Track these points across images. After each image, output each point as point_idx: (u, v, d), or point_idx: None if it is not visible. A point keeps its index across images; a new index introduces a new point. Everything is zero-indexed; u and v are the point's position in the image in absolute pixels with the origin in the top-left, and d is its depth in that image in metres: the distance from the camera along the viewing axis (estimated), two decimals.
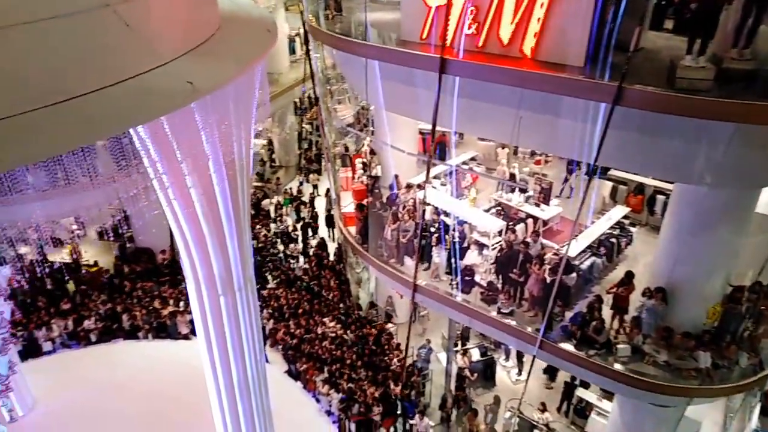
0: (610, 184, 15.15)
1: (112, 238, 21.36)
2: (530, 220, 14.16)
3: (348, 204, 15.77)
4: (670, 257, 10.57)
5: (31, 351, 17.68)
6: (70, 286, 19.73)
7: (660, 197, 13.92)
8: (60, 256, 21.19)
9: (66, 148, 5.66)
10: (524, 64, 9.50)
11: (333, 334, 17.13)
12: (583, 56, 9.03)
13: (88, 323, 18.36)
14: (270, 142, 28.59)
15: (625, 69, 8.22)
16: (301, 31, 20.73)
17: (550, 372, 16.42)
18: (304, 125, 29.66)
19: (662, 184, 13.83)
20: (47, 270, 19.47)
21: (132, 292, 19.68)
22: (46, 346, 17.98)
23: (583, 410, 15.22)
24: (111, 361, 17.85)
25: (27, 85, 4.86)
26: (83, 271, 20.59)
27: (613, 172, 15.15)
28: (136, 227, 21.30)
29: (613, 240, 13.06)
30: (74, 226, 21.08)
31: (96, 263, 21.04)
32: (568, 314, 11.74)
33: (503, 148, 17.06)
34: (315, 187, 26.36)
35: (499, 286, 12.47)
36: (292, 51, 28.24)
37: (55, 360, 18.06)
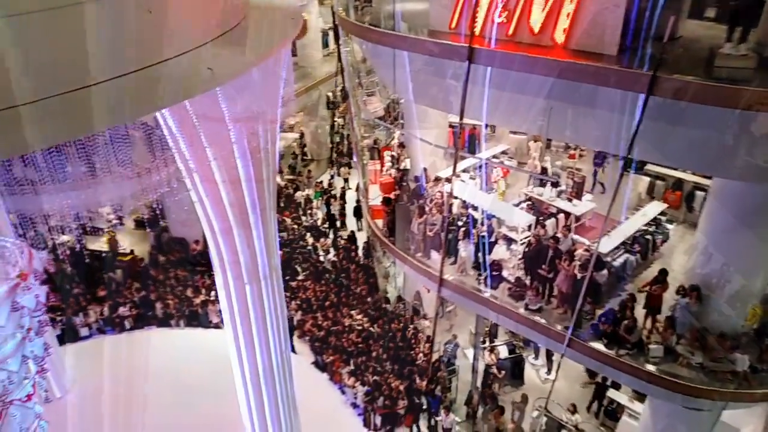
0: (647, 179, 14.66)
1: (130, 225, 21.85)
2: (561, 215, 13.82)
3: (376, 197, 15.73)
4: (707, 255, 10.15)
5: (68, 335, 18.27)
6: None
7: (699, 193, 13.38)
8: (98, 245, 21.83)
9: (84, 132, 5.80)
10: (556, 53, 9.24)
11: (359, 327, 17.15)
12: (616, 45, 8.72)
13: (123, 310, 18.87)
14: (302, 136, 28.77)
15: (659, 58, 7.91)
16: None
17: (590, 370, 15.96)
18: (336, 119, 29.74)
19: (702, 180, 13.30)
20: (84, 256, 20.09)
21: (165, 281, 20.12)
22: (83, 331, 18.56)
23: (614, 412, 14.81)
24: (144, 347, 18.30)
25: (48, 71, 4.96)
26: (107, 258, 21.11)
27: (650, 167, 14.65)
28: (171, 218, 21.80)
29: (649, 237, 12.62)
30: (111, 216, 21.71)
31: (132, 252, 21.59)
32: (599, 312, 11.43)
33: (535, 141, 16.70)
34: (346, 180, 26.40)
35: (527, 282, 12.23)
36: (326, 45, 28.32)
37: (91, 345, 18.62)
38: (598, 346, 10.80)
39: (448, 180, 13.61)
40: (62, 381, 16.65)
